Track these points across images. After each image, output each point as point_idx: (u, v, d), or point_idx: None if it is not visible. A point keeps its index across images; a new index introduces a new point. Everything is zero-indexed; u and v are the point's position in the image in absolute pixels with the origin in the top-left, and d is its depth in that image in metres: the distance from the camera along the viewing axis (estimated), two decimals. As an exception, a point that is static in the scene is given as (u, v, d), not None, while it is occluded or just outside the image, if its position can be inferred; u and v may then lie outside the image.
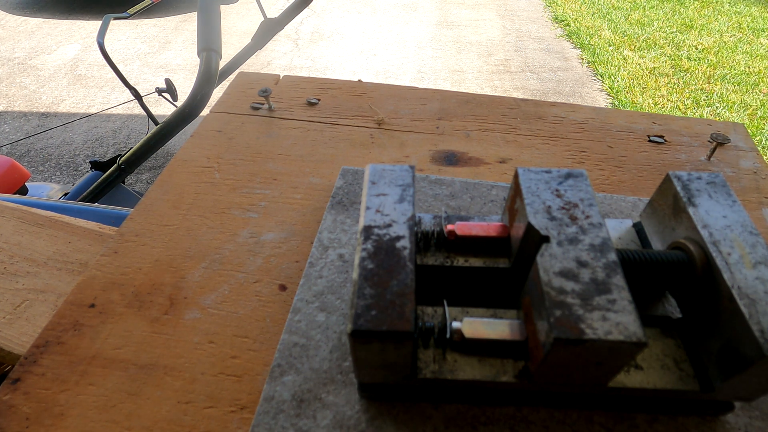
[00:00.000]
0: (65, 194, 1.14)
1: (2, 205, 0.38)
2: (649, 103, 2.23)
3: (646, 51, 2.78)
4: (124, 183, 1.10)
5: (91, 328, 0.25)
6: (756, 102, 2.23)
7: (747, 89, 2.34)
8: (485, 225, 0.22)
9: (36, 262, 0.34)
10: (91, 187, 0.99)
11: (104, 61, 0.90)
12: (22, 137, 2.41)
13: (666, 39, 2.91)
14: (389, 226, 0.20)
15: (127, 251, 0.28)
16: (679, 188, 0.22)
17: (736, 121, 1.67)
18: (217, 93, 1.46)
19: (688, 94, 2.34)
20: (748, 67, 2.51)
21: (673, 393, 0.19)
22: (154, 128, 0.89)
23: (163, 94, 0.98)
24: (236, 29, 3.18)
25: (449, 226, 0.22)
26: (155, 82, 2.68)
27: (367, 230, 0.20)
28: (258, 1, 1.04)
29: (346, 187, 0.31)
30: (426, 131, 0.37)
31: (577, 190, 0.21)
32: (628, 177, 0.33)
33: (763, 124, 2.07)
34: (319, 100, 0.40)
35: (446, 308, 0.21)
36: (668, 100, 2.29)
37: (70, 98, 2.71)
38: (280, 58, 3.02)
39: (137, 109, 2.48)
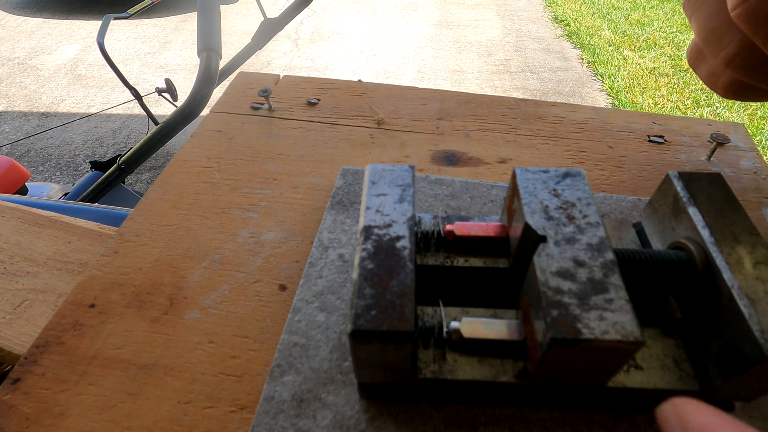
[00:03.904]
0: (65, 194, 1.14)
1: (2, 205, 0.38)
2: (649, 103, 2.23)
3: (646, 51, 2.78)
4: (124, 183, 1.10)
5: (91, 328, 0.25)
6: (756, 102, 2.22)
7: (747, 89, 2.33)
8: (484, 225, 0.22)
9: (36, 262, 0.34)
10: (91, 187, 0.99)
11: (104, 61, 0.90)
12: (22, 137, 2.41)
13: (666, 39, 2.91)
14: (389, 226, 0.20)
15: (127, 251, 0.28)
16: (679, 188, 0.22)
17: (736, 121, 1.67)
18: (217, 93, 1.46)
19: (688, 94, 2.34)
20: (748, 67, 2.50)
21: (673, 393, 0.19)
22: (154, 128, 0.89)
23: (163, 94, 0.99)
24: (236, 29, 3.18)
25: (448, 226, 0.22)
26: (155, 82, 2.68)
27: (367, 230, 0.20)
28: (258, 1, 1.04)
29: (346, 187, 0.31)
30: (426, 131, 0.37)
31: (575, 190, 0.21)
32: (628, 177, 0.33)
33: (763, 124, 2.07)
34: (319, 100, 0.40)
35: (442, 307, 0.21)
36: (668, 100, 2.29)
37: (70, 98, 2.71)
38: (280, 58, 3.01)
39: (137, 109, 2.48)
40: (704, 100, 2.29)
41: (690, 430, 0.13)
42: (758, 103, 2.21)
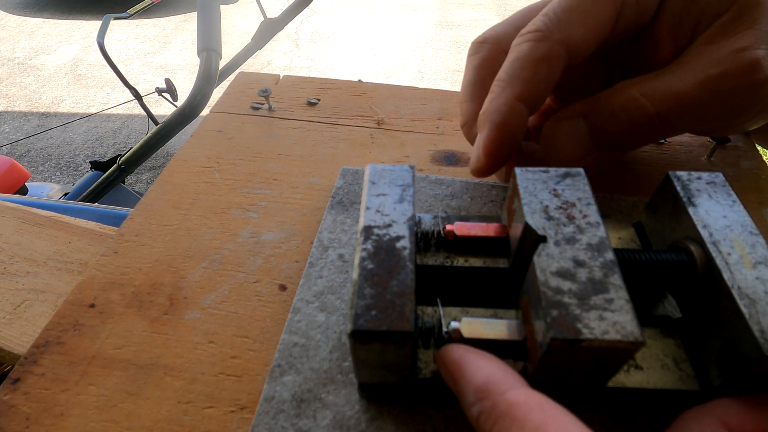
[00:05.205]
0: (65, 194, 1.14)
1: (2, 205, 0.38)
2: (649, 103, 2.22)
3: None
4: (124, 183, 1.10)
5: (91, 328, 0.25)
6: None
7: (747, 89, 2.34)
8: (484, 225, 0.22)
9: (36, 262, 0.34)
10: (91, 187, 1.00)
11: (104, 61, 0.90)
12: (22, 137, 2.41)
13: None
14: (389, 226, 0.20)
15: (127, 251, 0.28)
16: (679, 188, 0.22)
17: (736, 120, 1.66)
18: (217, 93, 1.46)
19: (688, 94, 2.34)
20: (749, 67, 2.50)
21: (673, 393, 0.19)
22: (154, 128, 0.89)
23: (163, 94, 0.99)
24: (236, 29, 3.18)
25: (448, 226, 0.22)
26: (155, 82, 2.69)
27: (367, 230, 0.20)
28: (258, 1, 1.04)
29: (346, 187, 0.31)
30: (426, 131, 0.37)
31: (575, 190, 0.21)
32: (628, 177, 0.33)
33: (764, 123, 2.07)
34: (319, 100, 0.40)
35: (440, 307, 0.21)
36: (668, 99, 2.28)
37: (70, 98, 2.71)
38: (280, 58, 3.02)
39: (137, 109, 2.48)
40: (704, 100, 2.29)
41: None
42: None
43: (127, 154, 0.93)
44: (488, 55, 0.29)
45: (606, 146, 0.25)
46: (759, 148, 0.35)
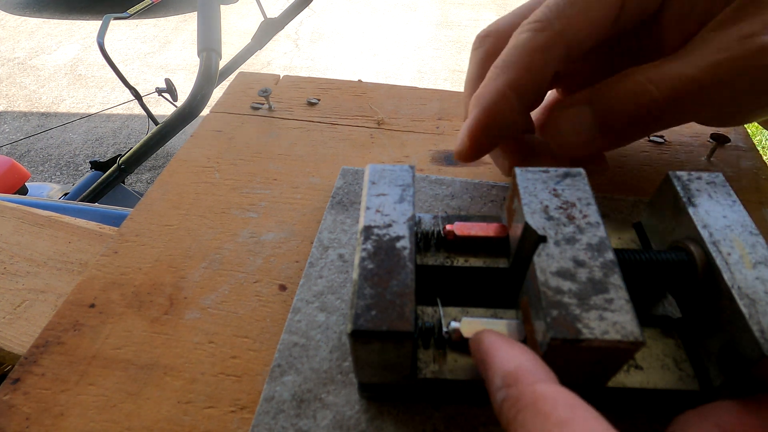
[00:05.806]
0: (65, 194, 1.14)
1: (2, 205, 0.38)
2: (649, 103, 2.22)
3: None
4: (124, 183, 1.10)
5: (91, 328, 0.25)
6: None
7: (747, 89, 2.33)
8: (484, 225, 0.22)
9: (36, 262, 0.34)
10: (91, 187, 0.99)
11: (104, 61, 0.90)
12: (22, 137, 2.41)
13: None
14: (389, 226, 0.20)
15: (127, 251, 0.28)
16: (679, 188, 0.22)
17: (736, 120, 1.66)
18: (217, 93, 1.46)
19: (688, 94, 2.34)
20: (749, 67, 2.50)
21: (673, 393, 0.19)
22: (154, 128, 0.89)
23: (163, 94, 0.99)
24: (236, 29, 3.18)
25: (448, 226, 0.22)
26: (155, 82, 2.69)
27: (367, 230, 0.20)
28: (258, 1, 1.04)
29: (346, 187, 0.31)
30: (426, 131, 0.37)
31: (575, 190, 0.21)
32: (628, 177, 0.33)
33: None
34: (319, 100, 0.40)
35: (440, 307, 0.21)
36: (668, 99, 2.28)
37: (70, 98, 2.71)
38: (280, 58, 3.02)
39: (137, 109, 2.48)
40: (704, 100, 2.29)
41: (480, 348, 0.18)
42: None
43: (127, 154, 0.93)
44: (491, 48, 0.28)
45: (610, 133, 0.25)
46: (759, 148, 0.35)
